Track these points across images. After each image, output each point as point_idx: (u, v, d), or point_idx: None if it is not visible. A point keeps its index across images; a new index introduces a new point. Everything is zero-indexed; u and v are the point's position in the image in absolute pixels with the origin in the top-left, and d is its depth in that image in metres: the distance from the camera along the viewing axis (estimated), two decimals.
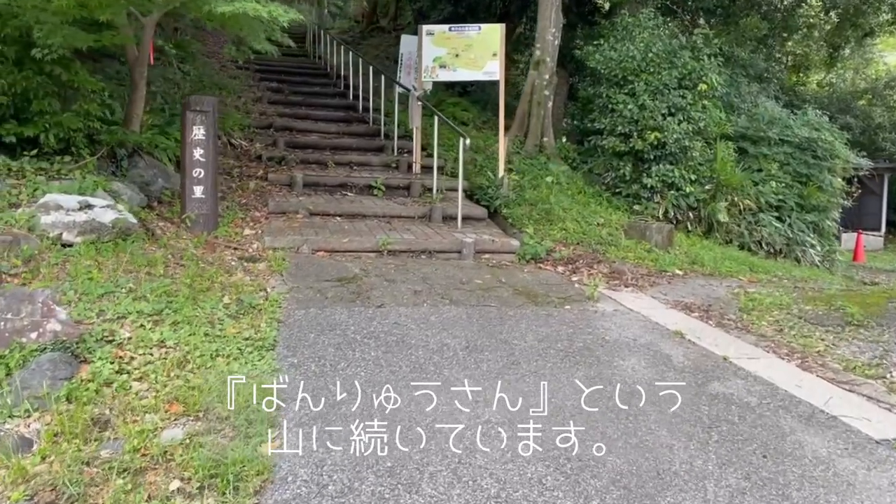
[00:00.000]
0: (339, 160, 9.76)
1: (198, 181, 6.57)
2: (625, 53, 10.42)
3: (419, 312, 5.29)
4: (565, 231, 8.29)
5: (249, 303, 5.04)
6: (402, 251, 6.94)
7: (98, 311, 4.45)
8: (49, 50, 5.54)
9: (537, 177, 9.90)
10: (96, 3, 5.14)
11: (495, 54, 9.42)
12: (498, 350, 4.62)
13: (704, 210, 10.29)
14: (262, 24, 5.85)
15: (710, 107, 10.54)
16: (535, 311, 5.60)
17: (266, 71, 14.93)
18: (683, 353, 4.91)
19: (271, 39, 6.62)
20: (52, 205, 5.42)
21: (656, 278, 7.31)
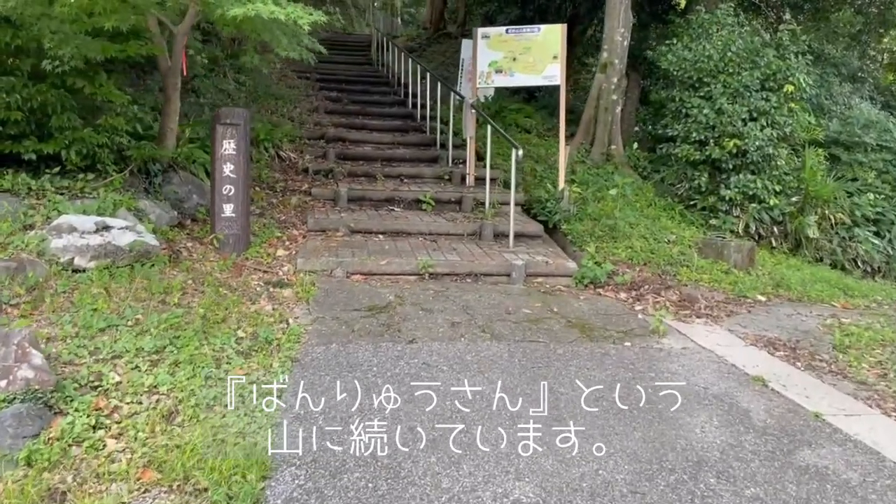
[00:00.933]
0: (389, 172, 9.23)
1: (228, 199, 6.16)
2: (700, 53, 9.52)
3: (454, 350, 4.66)
4: (631, 249, 7.49)
5: (266, 337, 4.54)
6: (444, 274, 6.33)
7: (93, 348, 4.04)
8: (60, 62, 5.22)
9: (602, 188, 9.11)
10: (101, 10, 4.78)
11: (556, 57, 8.70)
12: (540, 400, 3.94)
13: (791, 225, 9.27)
14: (285, 28, 5.37)
15: (797, 110, 9.50)
16: (588, 348, 4.89)
17: (326, 80, 14.67)
18: (765, 407, 4.10)
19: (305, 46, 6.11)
20: (65, 227, 5.09)
21: (734, 306, 6.44)
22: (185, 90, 9.90)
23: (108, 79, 5.97)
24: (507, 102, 13.65)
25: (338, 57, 18.58)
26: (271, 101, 11.95)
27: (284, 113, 11.62)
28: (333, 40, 22.30)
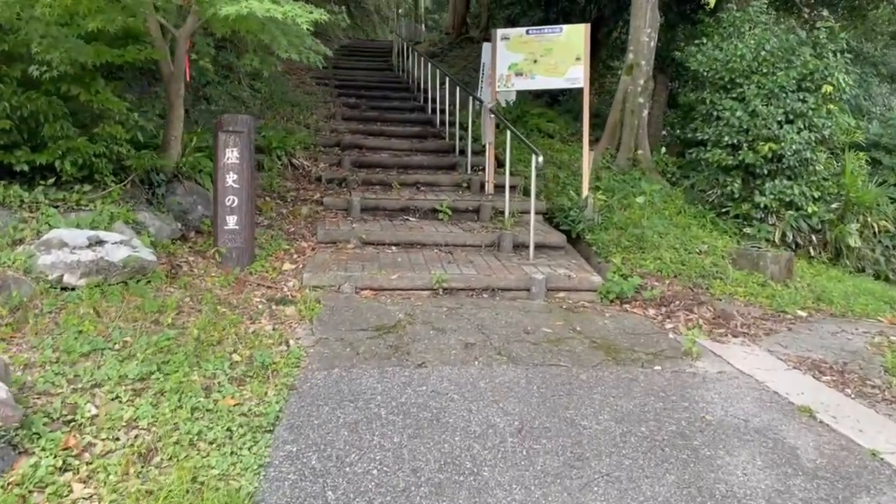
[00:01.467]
0: (405, 180, 8.88)
1: (231, 210, 5.84)
2: (732, 52, 9.02)
3: (467, 375, 4.27)
4: (660, 261, 7.03)
5: (262, 361, 4.19)
6: (459, 289, 5.94)
7: (73, 376, 3.72)
8: (49, 67, 4.94)
9: (628, 195, 8.66)
10: (86, 10, 4.49)
11: (579, 58, 8.29)
12: (560, 435, 3.54)
13: (830, 233, 8.73)
14: (284, 28, 5.03)
15: (836, 111, 8.94)
16: (615, 373, 4.46)
17: (346, 86, 14.43)
18: (814, 443, 3.65)
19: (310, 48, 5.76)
20: (55, 242, 4.80)
21: (773, 323, 5.97)
22: (196, 97, 9.69)
23: (107, 85, 5.67)
24: (529, 107, 13.26)
25: (359, 63, 18.38)
26: (287, 107, 11.70)
27: (301, 120, 11.36)
28: (355, 47, 22.20)
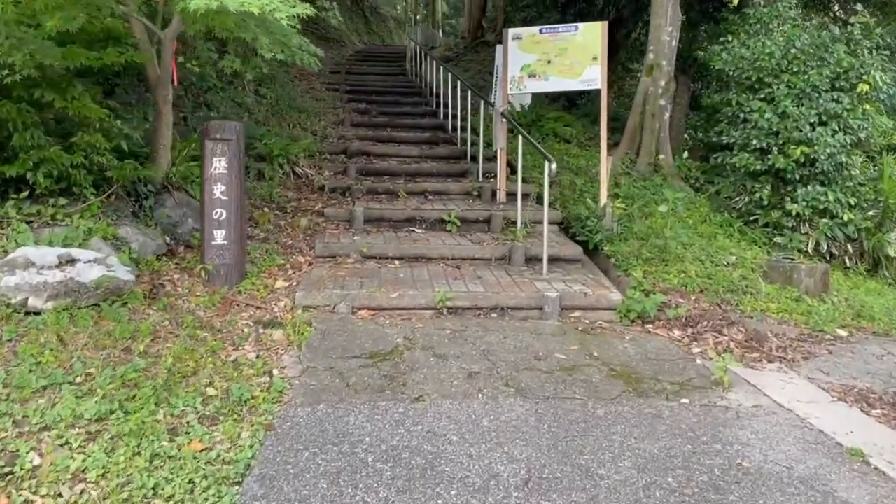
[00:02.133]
0: (413, 188, 8.42)
1: (218, 224, 5.42)
2: (760, 51, 8.47)
3: (468, 411, 3.80)
4: (684, 274, 6.50)
5: (240, 396, 3.76)
6: (465, 308, 5.46)
7: (21, 416, 3.30)
8: (11, 70, 4.56)
9: (649, 203, 8.14)
10: (42, 6, 4.08)
11: (596, 58, 7.79)
12: (573, 489, 3.05)
13: (868, 242, 8.14)
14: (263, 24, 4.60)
15: (872, 112, 8.37)
16: (636, 408, 3.96)
17: (356, 91, 14.03)
18: (870, 498, 3.12)
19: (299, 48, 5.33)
20: (20, 261, 4.40)
21: (811, 344, 5.42)
22: (196, 104, 9.32)
23: (86, 91, 5.28)
24: (545, 110, 12.77)
25: (372, 68, 18.01)
26: (294, 113, 11.31)
27: (307, 126, 10.96)
28: (369, 52, 21.90)
